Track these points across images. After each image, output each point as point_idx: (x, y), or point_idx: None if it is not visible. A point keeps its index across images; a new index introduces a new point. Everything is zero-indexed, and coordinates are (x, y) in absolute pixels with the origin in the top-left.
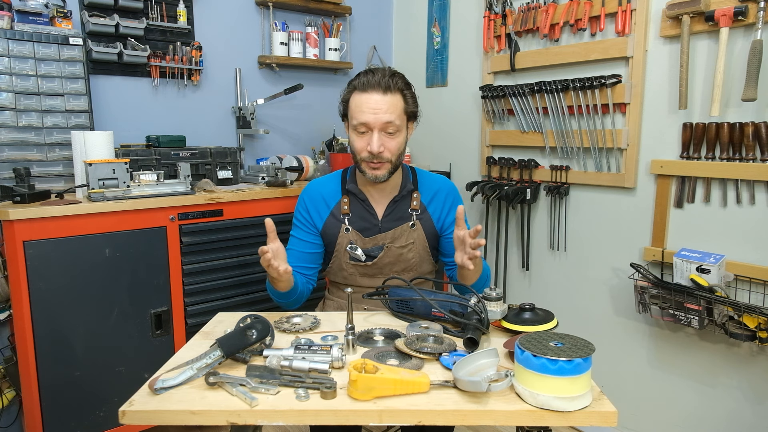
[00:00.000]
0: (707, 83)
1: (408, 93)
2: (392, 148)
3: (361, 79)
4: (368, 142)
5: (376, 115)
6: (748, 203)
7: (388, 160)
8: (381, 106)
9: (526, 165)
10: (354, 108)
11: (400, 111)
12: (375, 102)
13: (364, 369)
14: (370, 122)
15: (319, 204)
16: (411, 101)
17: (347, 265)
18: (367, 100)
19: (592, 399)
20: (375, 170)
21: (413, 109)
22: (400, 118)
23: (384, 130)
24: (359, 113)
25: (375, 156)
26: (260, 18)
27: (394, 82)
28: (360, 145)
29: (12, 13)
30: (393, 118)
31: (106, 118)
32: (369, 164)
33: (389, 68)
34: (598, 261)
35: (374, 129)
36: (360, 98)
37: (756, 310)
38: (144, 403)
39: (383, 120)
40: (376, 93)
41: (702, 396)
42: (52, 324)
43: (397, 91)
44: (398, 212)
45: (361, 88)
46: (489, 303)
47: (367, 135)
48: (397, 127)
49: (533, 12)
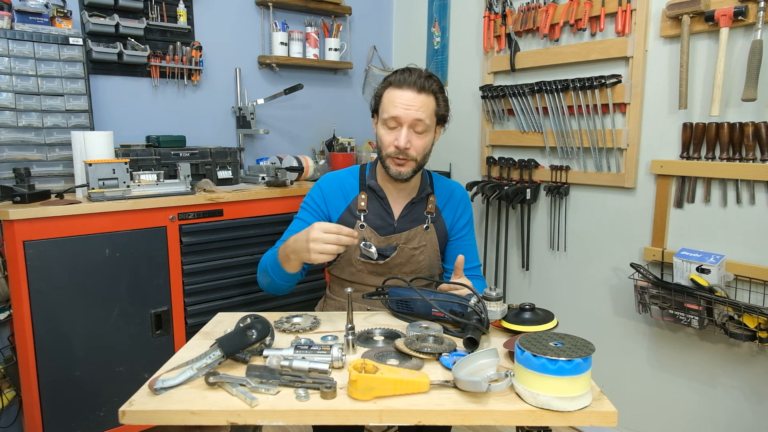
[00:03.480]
0: (707, 83)
1: (441, 96)
2: (419, 146)
3: (398, 76)
4: (396, 137)
5: (407, 111)
6: (748, 203)
7: (413, 159)
8: (413, 103)
9: (526, 165)
10: (387, 102)
11: (431, 112)
12: (408, 98)
13: (364, 369)
14: (400, 116)
15: (337, 196)
16: (443, 105)
17: (357, 262)
18: (401, 96)
19: (592, 399)
20: (399, 166)
21: (444, 113)
22: (430, 119)
23: (413, 128)
24: (391, 107)
25: (401, 152)
26: (260, 18)
27: (429, 84)
28: (388, 139)
29: (12, 13)
30: (423, 117)
31: (106, 118)
32: (394, 160)
33: (426, 70)
34: (598, 261)
35: (404, 125)
36: (394, 93)
37: (756, 310)
38: (144, 403)
39: (413, 117)
40: (410, 91)
41: (702, 396)
42: (52, 324)
43: (431, 92)
44: (414, 214)
45: (396, 84)
46: (489, 303)
47: (396, 130)
48: (427, 127)
49: (533, 12)
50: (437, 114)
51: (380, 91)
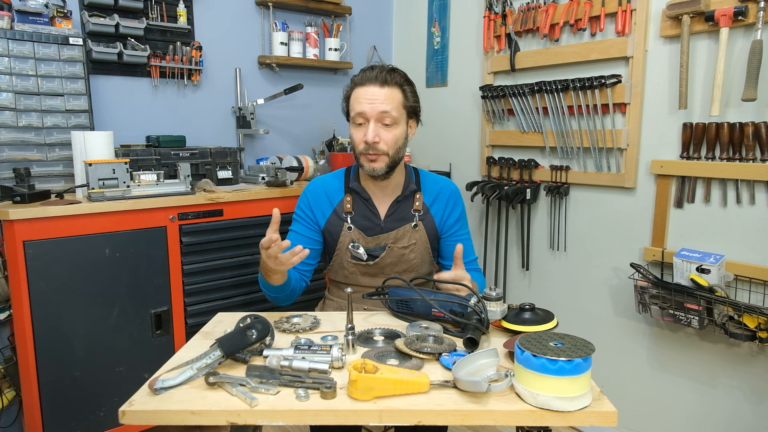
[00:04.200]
0: (707, 83)
1: (408, 88)
2: (389, 139)
3: (361, 74)
4: (365, 133)
5: (371, 105)
6: (748, 203)
7: (385, 153)
8: (377, 96)
9: (526, 165)
10: (353, 101)
11: (398, 104)
12: (372, 93)
13: (364, 369)
14: (366, 112)
15: (322, 201)
16: (411, 97)
17: (348, 264)
18: (365, 92)
19: (592, 399)
20: (372, 162)
21: (413, 104)
22: (398, 111)
23: (380, 121)
24: (356, 104)
25: (371, 147)
26: (260, 18)
27: (392, 77)
28: (358, 136)
29: (12, 13)
30: (389, 109)
31: (106, 118)
32: (366, 156)
33: (390, 65)
34: (598, 261)
35: (370, 119)
36: (358, 91)
37: (756, 310)
38: (144, 403)
39: (379, 110)
40: (373, 86)
41: (702, 396)
42: (52, 324)
43: (395, 85)
44: (401, 212)
45: (360, 82)
46: (489, 303)
47: (364, 126)
48: (394, 119)
49: (533, 12)
50: (405, 106)
51: (348, 93)
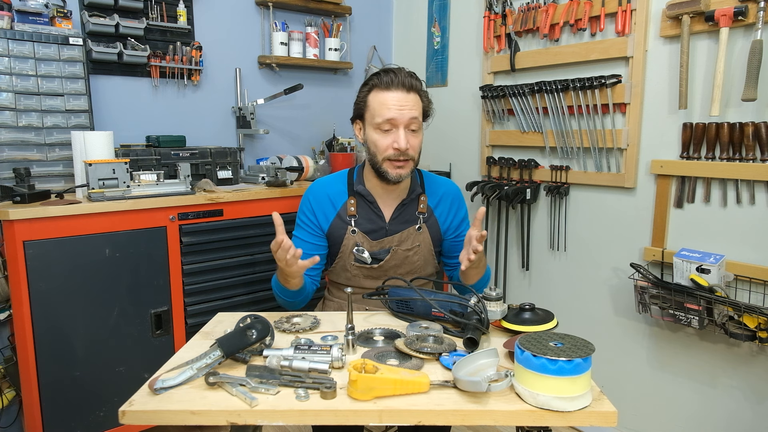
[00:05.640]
0: (707, 83)
1: (424, 93)
2: (416, 145)
3: (383, 78)
4: (394, 140)
5: (401, 111)
6: (748, 203)
7: (412, 158)
8: (406, 103)
9: (526, 165)
10: (377, 106)
11: (421, 109)
12: (399, 99)
13: (364, 369)
14: (396, 118)
15: (325, 205)
16: (426, 101)
17: (351, 267)
18: (393, 98)
19: (592, 399)
20: (399, 169)
21: (427, 108)
22: (422, 116)
23: (408, 127)
24: (385, 110)
25: (402, 153)
26: (260, 18)
27: (415, 82)
28: (385, 143)
29: (12, 13)
30: (417, 115)
31: (106, 118)
32: (394, 163)
33: (407, 69)
34: (598, 261)
35: (400, 126)
36: (384, 96)
37: (756, 310)
38: (144, 403)
39: (408, 116)
40: (399, 91)
41: (702, 396)
42: (52, 324)
43: (417, 90)
44: (406, 215)
45: (384, 86)
46: (489, 303)
47: (392, 133)
48: (420, 125)
49: (533, 12)
50: (424, 110)
51: (364, 96)
